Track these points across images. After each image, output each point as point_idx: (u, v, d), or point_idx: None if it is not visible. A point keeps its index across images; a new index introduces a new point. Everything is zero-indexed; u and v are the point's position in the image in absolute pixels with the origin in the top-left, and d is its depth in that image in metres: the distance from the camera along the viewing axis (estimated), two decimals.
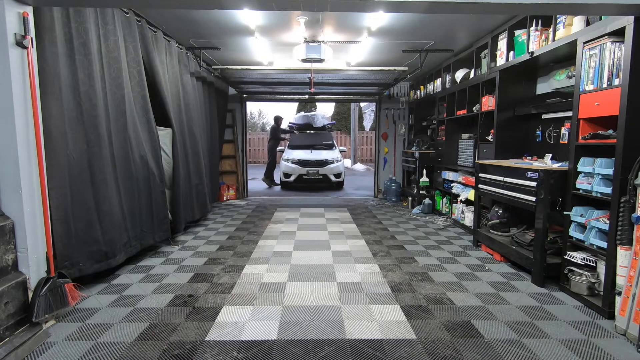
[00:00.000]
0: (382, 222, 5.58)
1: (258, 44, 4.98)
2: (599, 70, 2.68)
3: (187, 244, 4.31)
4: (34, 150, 2.34)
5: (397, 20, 4.06)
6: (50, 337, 2.26)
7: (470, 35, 4.68)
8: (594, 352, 2.14)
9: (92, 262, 2.90)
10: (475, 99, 4.80)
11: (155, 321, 2.47)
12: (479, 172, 4.12)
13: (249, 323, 2.45)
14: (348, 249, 4.15)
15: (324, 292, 2.93)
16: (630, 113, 2.41)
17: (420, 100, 7.09)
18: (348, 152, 17.85)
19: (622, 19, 2.45)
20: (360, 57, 5.71)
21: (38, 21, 2.44)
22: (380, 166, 8.34)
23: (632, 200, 2.36)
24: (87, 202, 2.88)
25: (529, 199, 3.21)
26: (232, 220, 5.72)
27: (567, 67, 3.56)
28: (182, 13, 3.92)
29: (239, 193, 7.92)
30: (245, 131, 8.13)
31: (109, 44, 3.18)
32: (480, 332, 2.35)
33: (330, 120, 12.41)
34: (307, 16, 3.95)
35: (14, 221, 2.27)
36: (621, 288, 2.37)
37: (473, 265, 3.61)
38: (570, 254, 2.90)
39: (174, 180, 4.37)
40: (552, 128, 3.79)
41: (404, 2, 2.30)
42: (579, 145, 2.88)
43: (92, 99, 2.93)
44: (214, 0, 2.53)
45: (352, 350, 2.14)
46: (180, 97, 4.65)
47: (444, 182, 5.87)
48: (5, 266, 2.22)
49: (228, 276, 3.29)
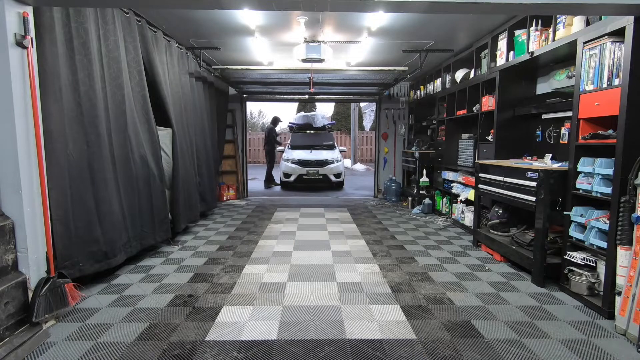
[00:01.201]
0: (382, 222, 5.58)
1: (258, 44, 4.98)
2: (599, 70, 2.68)
3: (187, 244, 4.31)
4: (34, 150, 2.34)
5: (397, 20, 4.06)
6: (50, 337, 2.26)
7: (470, 35, 4.68)
8: (594, 352, 2.14)
9: (92, 262, 2.90)
10: (475, 99, 4.80)
11: (155, 321, 2.47)
12: (479, 172, 4.12)
13: (249, 323, 2.45)
14: (348, 249, 4.15)
15: (324, 292, 2.93)
16: (630, 113, 2.41)
17: (420, 100, 7.09)
18: (348, 152, 17.85)
19: (622, 19, 2.45)
20: (360, 57, 5.71)
21: (38, 21, 2.44)
22: (380, 166, 8.34)
23: (632, 200, 2.36)
24: (87, 202, 2.88)
25: (529, 199, 3.21)
26: (232, 220, 5.72)
27: (567, 67, 3.56)
28: (182, 13, 3.92)
29: (239, 193, 7.92)
30: (245, 131, 8.13)
31: (109, 44, 3.17)
32: (480, 332, 2.35)
33: (330, 120, 12.42)
34: (307, 16, 3.95)
35: (14, 221, 2.27)
36: (621, 288, 2.37)
37: (473, 265, 3.61)
38: (570, 254, 2.90)
39: (174, 180, 4.37)
40: (552, 128, 3.79)
41: (404, 2, 2.30)
42: (579, 145, 2.88)
43: (92, 99, 2.93)
44: (214, 0, 2.53)
45: (352, 350, 2.14)
46: (180, 97, 4.65)
47: (444, 182, 5.87)
48: (5, 266, 2.22)
49: (228, 276, 3.29)
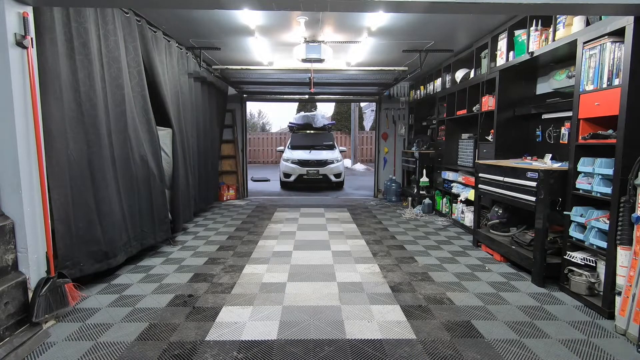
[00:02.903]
0: (382, 222, 5.58)
1: (258, 44, 4.98)
2: (599, 70, 2.68)
3: (187, 244, 4.31)
4: (34, 150, 2.34)
5: (397, 20, 4.06)
6: (50, 337, 2.26)
7: (470, 35, 4.68)
8: (594, 352, 2.14)
9: (92, 262, 2.90)
10: (475, 99, 4.80)
11: (155, 321, 2.47)
12: (479, 172, 4.12)
13: (249, 323, 2.45)
14: (348, 249, 4.15)
15: (324, 292, 2.93)
16: (630, 113, 2.41)
17: (420, 100, 7.09)
18: (348, 152, 17.86)
19: (622, 19, 2.45)
20: (360, 57, 5.71)
21: (38, 21, 2.44)
22: (380, 166, 8.34)
23: (632, 200, 2.36)
24: (87, 202, 2.88)
25: (529, 199, 3.21)
26: (232, 220, 5.72)
27: (567, 67, 3.56)
28: (182, 13, 3.92)
29: (239, 193, 7.92)
30: (245, 131, 8.14)
31: (109, 44, 3.17)
32: (480, 332, 2.35)
33: (330, 120, 12.42)
34: (307, 16, 3.95)
35: (14, 221, 2.27)
36: (621, 288, 2.37)
37: (473, 265, 3.61)
38: (570, 254, 2.90)
39: (174, 180, 4.37)
40: (552, 128, 3.79)
41: (404, 2, 2.30)
42: (579, 145, 2.88)
43: (92, 99, 2.93)
44: (214, 0, 2.53)
45: (352, 350, 2.14)
46: (179, 97, 4.65)
47: (444, 182, 5.87)
48: (5, 266, 2.22)
49: (228, 276, 3.29)
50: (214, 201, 6.94)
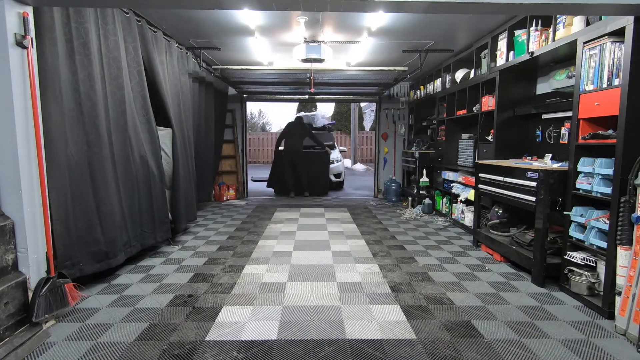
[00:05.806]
0: (382, 222, 5.58)
1: (258, 44, 4.98)
2: (599, 70, 2.68)
3: (187, 244, 4.31)
4: (34, 150, 2.34)
5: (397, 20, 4.06)
6: (50, 337, 2.26)
7: (470, 35, 4.68)
8: (594, 352, 2.14)
9: (92, 262, 2.90)
10: (475, 99, 4.80)
11: (155, 321, 2.47)
12: (479, 172, 4.12)
13: (249, 323, 2.45)
14: (348, 249, 4.15)
15: (324, 292, 2.93)
16: (630, 113, 2.41)
17: (420, 100, 7.09)
18: (348, 152, 17.86)
19: (622, 19, 2.45)
20: (360, 57, 5.71)
21: (38, 21, 2.43)
22: (380, 166, 8.35)
23: (632, 200, 2.36)
24: (87, 202, 2.88)
25: (529, 199, 3.21)
26: (232, 220, 5.72)
27: (567, 67, 3.56)
28: (182, 13, 3.92)
29: (239, 193, 7.92)
30: (245, 131, 8.14)
31: (109, 44, 3.17)
32: (480, 332, 2.35)
33: (330, 120, 12.42)
34: (307, 16, 3.95)
35: (14, 221, 2.27)
36: (621, 288, 2.37)
37: (473, 265, 3.61)
38: (570, 254, 2.90)
39: (174, 180, 4.37)
40: (552, 128, 3.79)
41: (404, 2, 2.30)
42: (579, 145, 2.88)
43: (92, 99, 2.93)
44: (214, 0, 2.53)
45: (352, 350, 2.14)
46: (180, 97, 4.65)
47: (444, 182, 5.87)
48: (5, 266, 2.22)
49: (228, 276, 3.29)
50: (207, 201, 6.94)
